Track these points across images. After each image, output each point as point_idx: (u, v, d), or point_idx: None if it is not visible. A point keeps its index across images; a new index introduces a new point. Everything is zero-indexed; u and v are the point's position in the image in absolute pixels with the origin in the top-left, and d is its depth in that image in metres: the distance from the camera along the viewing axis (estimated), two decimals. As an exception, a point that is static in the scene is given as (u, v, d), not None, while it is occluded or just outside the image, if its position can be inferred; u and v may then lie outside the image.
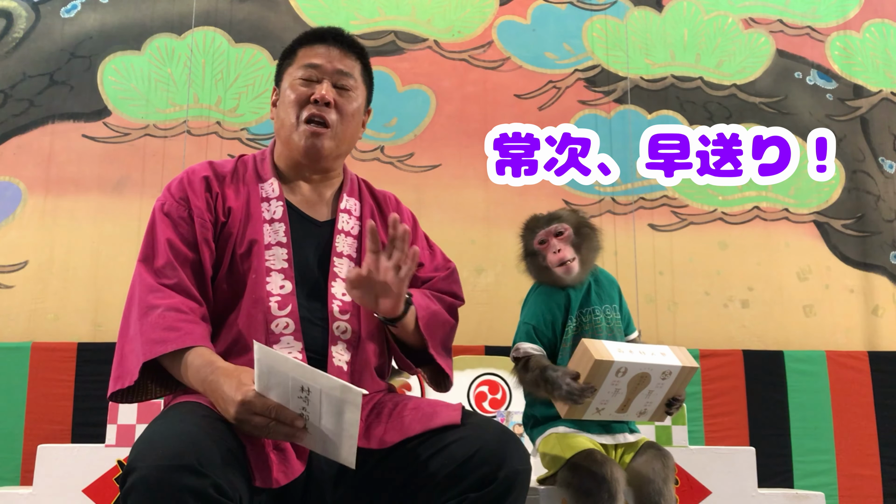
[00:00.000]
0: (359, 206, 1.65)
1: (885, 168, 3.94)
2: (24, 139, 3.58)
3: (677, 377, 1.61)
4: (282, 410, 1.21)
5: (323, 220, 1.60)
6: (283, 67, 1.66)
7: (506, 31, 3.92)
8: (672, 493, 1.67)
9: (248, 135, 3.66)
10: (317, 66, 1.59)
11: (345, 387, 1.17)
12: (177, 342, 1.34)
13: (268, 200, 1.56)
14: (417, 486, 1.32)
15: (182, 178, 1.54)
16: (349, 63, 1.62)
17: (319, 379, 1.18)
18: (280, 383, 1.20)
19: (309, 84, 1.58)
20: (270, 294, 1.46)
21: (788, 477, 3.36)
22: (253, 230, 1.51)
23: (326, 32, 1.64)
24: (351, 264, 1.57)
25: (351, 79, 1.62)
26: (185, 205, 1.50)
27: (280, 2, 3.83)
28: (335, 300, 1.51)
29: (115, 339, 1.49)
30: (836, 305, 3.76)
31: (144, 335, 1.36)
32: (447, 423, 1.34)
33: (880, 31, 4.10)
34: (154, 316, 1.37)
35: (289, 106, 1.58)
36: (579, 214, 1.83)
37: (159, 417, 1.29)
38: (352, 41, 1.65)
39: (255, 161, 1.63)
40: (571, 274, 1.74)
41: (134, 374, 1.35)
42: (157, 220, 1.49)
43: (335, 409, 1.18)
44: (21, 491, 2.12)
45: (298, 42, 1.65)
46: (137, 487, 1.10)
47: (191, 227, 1.48)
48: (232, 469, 1.16)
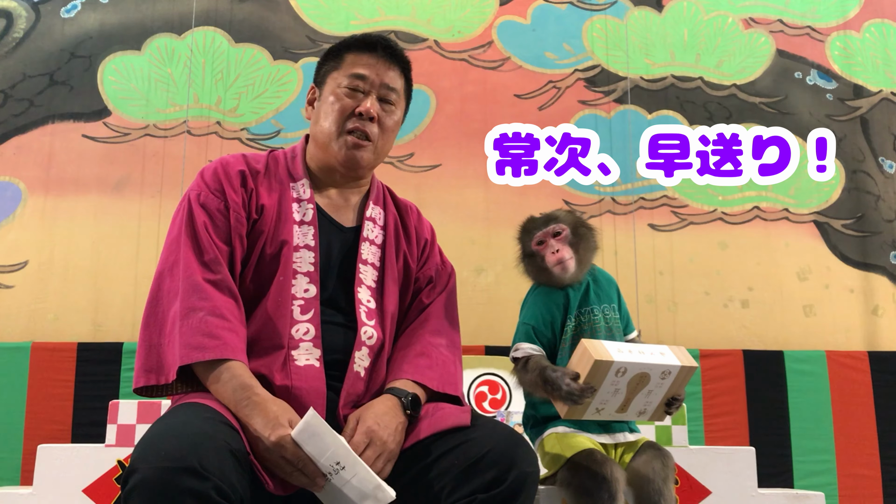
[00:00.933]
0: (383, 215, 1.65)
1: (885, 168, 3.94)
2: (24, 139, 3.59)
3: (677, 377, 1.61)
4: (309, 465, 1.23)
5: (348, 227, 1.60)
6: (327, 69, 1.63)
7: (506, 31, 3.92)
8: (672, 493, 1.67)
9: (248, 135, 3.67)
10: (364, 77, 1.58)
11: (379, 486, 1.22)
12: (215, 351, 1.33)
13: (299, 201, 1.55)
14: (426, 487, 1.32)
15: (217, 169, 1.52)
16: (395, 77, 1.61)
17: (358, 468, 1.22)
18: (317, 447, 1.22)
19: (354, 95, 1.57)
20: (294, 297, 1.46)
21: (788, 477, 3.36)
22: (284, 231, 1.50)
23: (377, 41, 1.61)
24: (374, 272, 1.57)
25: (395, 93, 1.61)
26: (222, 197, 1.48)
27: (280, 2, 3.83)
28: (362, 305, 1.51)
29: (115, 338, 1.49)
30: (836, 305, 3.76)
31: (184, 338, 1.34)
32: (457, 425, 1.35)
33: (880, 31, 4.10)
34: (196, 319, 1.35)
35: (332, 114, 1.57)
36: (576, 214, 1.84)
37: (162, 418, 1.28)
38: (400, 54, 1.64)
39: (286, 159, 1.62)
40: (569, 272, 1.73)
41: (170, 375, 1.35)
42: (195, 210, 1.46)
43: (360, 494, 1.22)
44: (21, 491, 2.12)
45: (346, 46, 1.62)
46: (138, 488, 1.10)
47: (226, 220, 1.46)
48: (234, 472, 1.16)
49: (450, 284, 1.70)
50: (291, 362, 1.41)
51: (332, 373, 1.43)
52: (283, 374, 1.39)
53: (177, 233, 1.46)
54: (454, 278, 1.73)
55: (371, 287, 1.56)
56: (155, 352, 1.39)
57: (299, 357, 1.42)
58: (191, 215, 1.46)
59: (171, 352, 1.36)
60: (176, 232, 1.46)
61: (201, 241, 1.43)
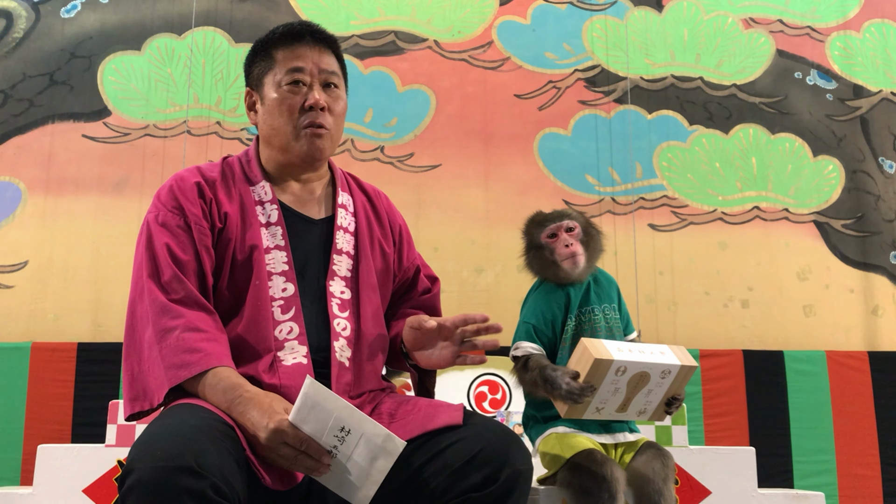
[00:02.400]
0: (352, 201, 1.65)
1: (885, 168, 3.94)
2: (24, 139, 3.59)
3: (676, 376, 1.61)
4: (312, 444, 1.21)
5: (318, 218, 1.59)
6: (260, 70, 1.59)
7: (506, 31, 3.92)
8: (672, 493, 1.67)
9: (248, 135, 3.66)
10: (301, 69, 1.55)
11: (388, 436, 1.20)
12: (199, 365, 1.32)
13: (262, 203, 1.54)
14: (419, 486, 1.32)
15: (171, 186, 1.50)
16: (330, 60, 1.59)
17: (365, 424, 1.20)
18: (319, 419, 1.21)
19: (298, 89, 1.55)
20: (273, 298, 1.46)
21: (788, 477, 3.36)
22: (252, 235, 1.49)
23: (303, 29, 1.59)
24: (349, 261, 1.56)
25: (335, 76, 1.59)
26: (181, 213, 1.46)
27: (280, 2, 3.83)
28: (334, 298, 1.51)
29: (115, 338, 1.49)
30: (836, 305, 3.76)
31: (165, 360, 1.33)
32: (449, 424, 1.35)
33: (880, 31, 4.10)
34: (172, 339, 1.34)
35: (282, 114, 1.54)
36: (586, 216, 1.85)
37: (159, 418, 1.28)
38: (326, 35, 1.62)
39: (241, 163, 1.60)
40: (579, 267, 1.74)
41: (157, 398, 1.34)
42: (154, 231, 1.45)
43: (370, 455, 1.21)
44: (21, 491, 2.12)
45: (272, 42, 1.59)
46: (136, 488, 1.10)
47: (189, 235, 1.45)
48: (230, 470, 1.16)
49: (435, 291, 1.76)
50: (279, 363, 1.41)
51: (320, 368, 1.44)
52: (272, 374, 1.40)
53: (139, 259, 1.46)
54: (438, 287, 1.78)
55: (346, 277, 1.55)
56: (138, 380, 1.39)
57: (286, 357, 1.42)
58: (149, 239, 1.45)
59: (155, 376, 1.35)
60: (138, 258, 1.46)
61: (159, 262, 1.42)
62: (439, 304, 1.75)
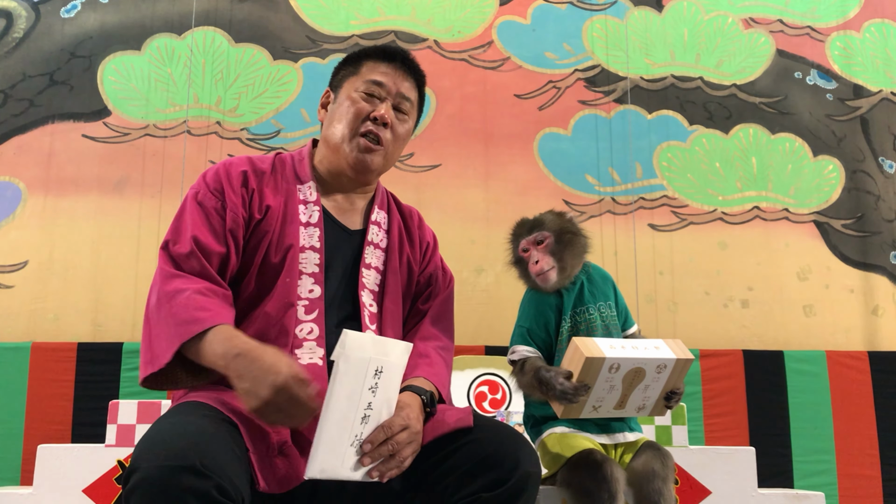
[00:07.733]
0: (387, 220, 1.68)
1: (885, 168, 3.94)
2: (24, 139, 3.58)
3: (673, 370, 1.61)
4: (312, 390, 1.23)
5: (354, 230, 1.62)
6: (344, 74, 1.66)
7: (506, 31, 3.92)
8: (672, 493, 1.67)
9: (248, 135, 3.66)
10: (381, 84, 1.61)
11: (407, 346, 1.34)
12: (211, 320, 1.31)
13: (305, 203, 1.57)
14: (430, 487, 1.33)
15: (219, 170, 1.54)
16: (410, 88, 1.66)
17: (389, 346, 1.30)
18: (359, 366, 1.25)
19: (370, 100, 1.60)
20: (300, 297, 1.47)
21: (788, 477, 3.36)
22: (290, 232, 1.52)
23: (396, 52, 1.66)
24: (377, 276, 1.59)
25: (409, 103, 1.65)
26: (220, 197, 1.49)
27: (280, 2, 3.83)
28: (366, 308, 1.53)
29: (115, 338, 1.49)
30: (836, 305, 3.76)
31: (175, 317, 1.33)
32: (459, 427, 1.36)
33: (880, 31, 4.10)
34: (182, 298, 1.34)
35: (347, 116, 1.60)
36: (564, 218, 1.83)
37: (163, 417, 1.28)
38: (416, 66, 1.69)
39: (293, 161, 1.64)
40: (548, 283, 1.75)
41: (164, 357, 1.32)
42: (189, 207, 1.48)
43: (391, 385, 1.31)
44: (21, 491, 2.12)
45: (366, 54, 1.66)
46: (140, 487, 1.10)
47: (222, 219, 1.47)
48: (235, 470, 1.16)
49: (449, 289, 1.73)
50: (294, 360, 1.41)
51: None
52: None
53: (171, 228, 1.49)
54: (453, 285, 1.76)
55: (373, 291, 1.58)
56: (150, 343, 1.38)
57: (303, 356, 1.43)
58: (182, 213, 1.49)
59: (165, 335, 1.34)
60: (171, 228, 1.49)
61: (182, 235, 1.44)
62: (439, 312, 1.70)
